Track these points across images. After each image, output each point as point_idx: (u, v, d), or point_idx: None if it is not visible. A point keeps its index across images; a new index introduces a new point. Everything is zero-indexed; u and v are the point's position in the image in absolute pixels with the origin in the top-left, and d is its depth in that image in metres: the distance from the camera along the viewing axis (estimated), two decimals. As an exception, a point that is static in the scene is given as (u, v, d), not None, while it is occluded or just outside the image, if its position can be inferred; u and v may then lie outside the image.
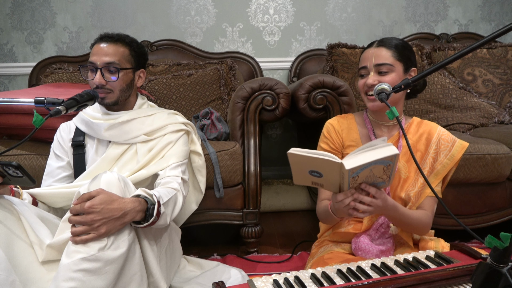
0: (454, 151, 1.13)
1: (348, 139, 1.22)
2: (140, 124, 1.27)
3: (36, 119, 0.99)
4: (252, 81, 1.70)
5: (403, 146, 1.16)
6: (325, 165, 0.89)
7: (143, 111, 1.31)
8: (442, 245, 1.11)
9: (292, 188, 2.45)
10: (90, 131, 1.28)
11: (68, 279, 0.86)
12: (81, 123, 1.30)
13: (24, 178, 0.96)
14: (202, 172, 1.46)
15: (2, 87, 2.56)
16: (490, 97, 2.11)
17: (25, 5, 2.46)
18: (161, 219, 1.04)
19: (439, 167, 1.13)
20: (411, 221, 1.05)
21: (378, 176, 0.92)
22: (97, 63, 1.21)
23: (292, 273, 0.87)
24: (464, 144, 1.14)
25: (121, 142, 1.27)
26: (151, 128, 1.28)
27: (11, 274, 0.92)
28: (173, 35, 2.50)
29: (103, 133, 1.25)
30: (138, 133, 1.26)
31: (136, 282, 0.98)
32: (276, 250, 1.74)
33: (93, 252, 0.89)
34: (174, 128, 1.32)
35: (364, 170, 0.88)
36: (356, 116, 1.27)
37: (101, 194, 0.92)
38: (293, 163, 0.93)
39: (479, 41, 0.87)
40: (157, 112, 1.33)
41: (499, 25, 2.69)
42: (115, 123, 1.24)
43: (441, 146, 1.14)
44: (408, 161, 1.16)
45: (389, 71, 1.11)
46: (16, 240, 0.97)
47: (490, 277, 0.65)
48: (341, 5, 2.56)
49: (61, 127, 1.35)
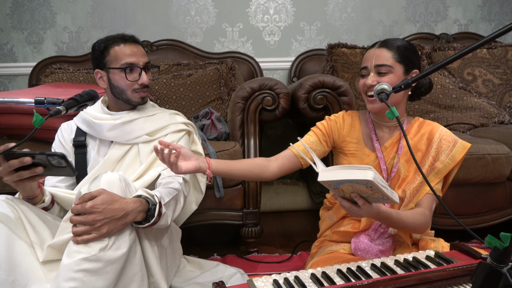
0: (455, 152, 1.12)
1: (349, 136, 1.23)
2: (142, 124, 1.27)
3: (36, 119, 0.99)
4: (252, 81, 1.70)
5: (403, 146, 1.16)
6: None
7: (144, 111, 1.31)
8: (442, 245, 1.11)
9: (292, 188, 2.45)
10: (92, 131, 1.28)
11: (69, 279, 0.87)
12: (82, 123, 1.29)
13: (67, 168, 0.97)
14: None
15: (2, 87, 2.56)
16: (490, 97, 2.11)
17: (25, 5, 2.46)
18: (162, 219, 1.04)
19: (440, 166, 1.12)
20: (406, 225, 1.04)
21: (370, 194, 0.88)
22: (139, 63, 1.23)
23: (292, 273, 0.87)
24: (466, 145, 1.13)
25: (123, 143, 1.26)
26: (153, 128, 1.28)
27: (12, 274, 0.92)
28: (173, 35, 2.50)
29: (105, 133, 1.25)
30: (140, 133, 1.26)
31: (136, 282, 0.98)
32: (276, 250, 1.74)
33: (94, 252, 0.89)
34: (176, 128, 1.32)
35: (343, 184, 0.86)
36: (360, 114, 1.28)
37: (102, 194, 0.92)
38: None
39: (479, 41, 0.87)
40: (158, 112, 1.33)
41: (499, 25, 2.69)
42: (117, 123, 1.24)
43: (442, 145, 1.13)
44: (408, 161, 1.16)
45: (388, 72, 1.11)
46: (16, 240, 0.97)
47: (490, 277, 0.65)
48: (341, 5, 2.56)
49: (62, 126, 1.34)
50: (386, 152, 1.17)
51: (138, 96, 1.26)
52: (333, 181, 0.86)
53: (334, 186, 0.88)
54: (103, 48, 1.23)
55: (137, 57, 1.23)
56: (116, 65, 1.22)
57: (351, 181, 0.84)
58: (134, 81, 1.23)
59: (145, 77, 1.24)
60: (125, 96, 1.25)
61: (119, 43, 1.23)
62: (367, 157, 1.19)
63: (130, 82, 1.23)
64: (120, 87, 1.24)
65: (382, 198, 0.89)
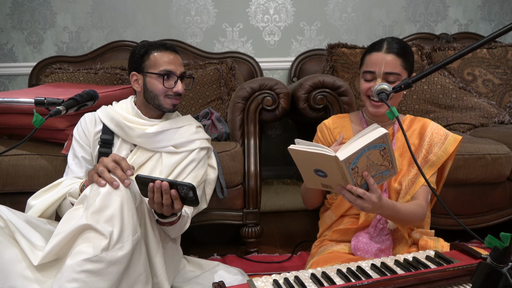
0: (447, 144, 1.16)
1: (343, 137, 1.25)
2: (172, 135, 1.29)
3: (36, 119, 0.99)
4: (252, 81, 1.70)
5: (396, 141, 1.19)
6: (324, 161, 0.89)
7: (174, 122, 1.32)
8: (442, 245, 1.11)
9: (292, 188, 2.45)
10: (121, 133, 1.27)
11: (71, 280, 0.87)
12: (111, 122, 1.27)
13: (193, 199, 0.97)
14: (212, 185, 1.47)
15: (2, 87, 2.56)
16: (490, 97, 2.11)
17: (25, 5, 2.46)
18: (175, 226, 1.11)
19: (434, 159, 1.16)
20: (405, 216, 1.07)
21: (379, 164, 0.91)
22: (177, 72, 1.27)
23: (292, 273, 0.87)
24: (457, 137, 1.16)
25: (149, 149, 1.28)
26: (180, 140, 1.30)
27: (7, 282, 0.92)
28: (173, 35, 2.50)
29: (135, 138, 1.26)
30: (167, 144, 1.28)
31: (141, 283, 0.98)
32: (276, 250, 1.74)
33: (96, 253, 0.89)
34: (201, 145, 1.34)
35: (360, 158, 0.88)
36: (351, 116, 1.30)
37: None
38: (297, 160, 0.93)
39: (479, 41, 0.87)
40: (186, 125, 1.35)
41: (499, 25, 2.69)
42: (150, 133, 1.25)
43: (434, 139, 1.18)
44: (402, 155, 1.19)
45: (396, 80, 1.13)
46: (6, 248, 0.96)
47: (490, 277, 0.65)
48: (341, 5, 2.56)
49: (86, 116, 1.31)
50: None
51: (170, 102, 1.28)
52: (353, 157, 0.86)
53: (352, 166, 0.88)
54: (144, 52, 1.27)
55: (176, 65, 1.27)
56: (154, 70, 1.25)
57: (368, 147, 0.86)
58: (170, 88, 1.26)
59: (180, 85, 1.27)
60: (158, 102, 1.27)
61: (160, 50, 1.27)
62: None
63: (165, 88, 1.25)
64: (155, 91, 1.26)
65: (387, 170, 0.94)
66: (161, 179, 0.96)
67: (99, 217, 0.93)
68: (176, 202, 0.98)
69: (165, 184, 0.95)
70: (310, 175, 0.96)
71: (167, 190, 0.96)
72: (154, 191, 0.97)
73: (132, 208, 0.99)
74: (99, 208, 0.95)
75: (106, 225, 0.93)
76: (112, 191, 0.97)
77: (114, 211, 0.95)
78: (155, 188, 0.96)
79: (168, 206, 0.99)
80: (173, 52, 1.30)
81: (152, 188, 0.97)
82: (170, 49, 1.29)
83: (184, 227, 1.23)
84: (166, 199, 0.97)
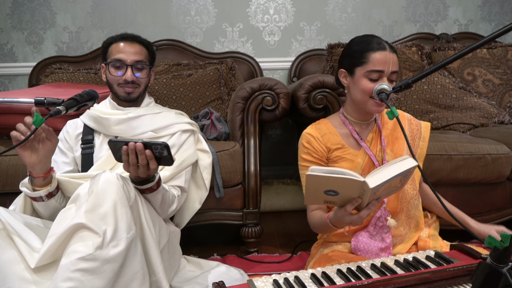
0: (424, 133, 1.24)
1: (332, 143, 1.20)
2: (149, 120, 1.33)
3: (36, 119, 0.99)
4: (252, 81, 1.70)
5: (385, 137, 1.20)
6: (346, 184, 0.87)
7: (151, 109, 1.37)
8: (442, 245, 1.12)
9: (292, 188, 2.45)
10: (99, 127, 1.33)
11: (66, 279, 0.87)
12: (89, 120, 1.35)
13: (167, 158, 0.99)
14: (208, 169, 1.48)
15: (2, 87, 2.56)
16: (490, 97, 2.11)
17: (25, 5, 2.46)
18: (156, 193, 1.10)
19: (419, 151, 1.22)
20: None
21: (393, 186, 0.93)
22: (127, 60, 1.30)
23: (292, 273, 0.87)
24: (427, 123, 1.26)
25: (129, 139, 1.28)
26: (158, 125, 1.34)
27: (4, 284, 0.92)
28: (173, 35, 2.50)
29: (112, 127, 1.30)
30: (146, 129, 1.31)
31: (138, 280, 0.98)
32: (276, 250, 1.74)
33: (90, 251, 0.89)
34: (181, 128, 1.37)
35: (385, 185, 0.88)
36: (330, 120, 1.26)
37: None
38: (310, 183, 0.89)
39: (479, 41, 0.87)
40: (164, 111, 1.40)
41: (499, 25, 2.69)
42: (125, 118, 1.29)
43: (413, 130, 1.23)
44: (393, 149, 1.20)
45: (396, 79, 1.15)
46: (3, 251, 0.96)
47: (490, 277, 0.65)
48: (341, 5, 2.56)
49: (68, 123, 1.40)
50: (371, 147, 1.19)
51: (123, 90, 1.32)
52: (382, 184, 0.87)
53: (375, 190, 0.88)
54: (107, 44, 1.34)
55: (126, 54, 1.30)
56: (108, 60, 1.32)
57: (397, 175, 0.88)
58: (118, 76, 1.30)
59: (128, 74, 1.30)
60: (114, 90, 1.33)
61: (117, 40, 1.33)
62: (356, 157, 1.18)
63: (114, 76, 1.31)
64: (110, 81, 1.33)
65: (395, 189, 0.97)
66: (135, 141, 0.97)
67: (92, 215, 0.93)
68: (151, 162, 0.99)
69: (139, 145, 0.96)
70: (316, 195, 0.92)
71: (142, 151, 0.97)
72: (128, 153, 0.98)
73: (125, 206, 0.98)
74: (92, 206, 0.94)
75: (100, 224, 0.92)
76: (106, 190, 0.96)
77: (108, 209, 0.94)
78: (129, 150, 0.97)
79: (144, 167, 1.00)
80: (129, 41, 1.33)
81: (126, 150, 0.98)
82: (128, 39, 1.33)
83: (171, 206, 1.23)
84: (142, 159, 0.98)
